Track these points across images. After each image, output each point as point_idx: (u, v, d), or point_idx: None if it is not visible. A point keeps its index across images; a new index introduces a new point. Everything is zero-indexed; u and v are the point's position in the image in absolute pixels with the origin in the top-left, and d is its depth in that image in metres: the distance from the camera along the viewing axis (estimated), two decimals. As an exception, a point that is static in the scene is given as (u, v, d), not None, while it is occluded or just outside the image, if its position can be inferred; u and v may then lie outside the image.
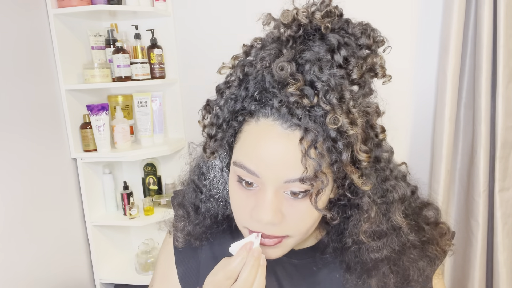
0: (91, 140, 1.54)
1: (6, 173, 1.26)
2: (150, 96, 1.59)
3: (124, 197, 1.63)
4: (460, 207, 1.46)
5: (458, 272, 1.47)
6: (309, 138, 0.46)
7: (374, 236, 0.55)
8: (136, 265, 1.67)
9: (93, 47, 1.58)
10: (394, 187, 0.55)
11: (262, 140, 0.49)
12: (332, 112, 0.45)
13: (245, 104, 0.51)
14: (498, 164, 1.32)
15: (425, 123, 1.51)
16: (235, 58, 0.55)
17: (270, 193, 0.49)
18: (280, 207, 0.50)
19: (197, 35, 1.64)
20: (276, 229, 0.51)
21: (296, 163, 0.47)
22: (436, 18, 1.42)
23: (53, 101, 1.47)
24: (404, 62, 1.48)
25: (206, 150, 0.56)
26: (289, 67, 0.47)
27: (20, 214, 1.31)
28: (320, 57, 0.48)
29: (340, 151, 0.47)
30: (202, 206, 0.64)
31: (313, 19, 0.49)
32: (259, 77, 0.50)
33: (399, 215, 0.55)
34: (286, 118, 0.48)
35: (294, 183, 0.48)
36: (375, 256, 0.55)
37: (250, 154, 0.50)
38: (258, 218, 0.50)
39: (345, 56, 0.48)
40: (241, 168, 0.51)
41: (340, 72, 0.47)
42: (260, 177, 0.49)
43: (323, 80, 0.47)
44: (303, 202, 0.50)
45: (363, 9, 1.47)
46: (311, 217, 0.52)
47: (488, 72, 1.28)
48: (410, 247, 0.57)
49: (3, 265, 1.24)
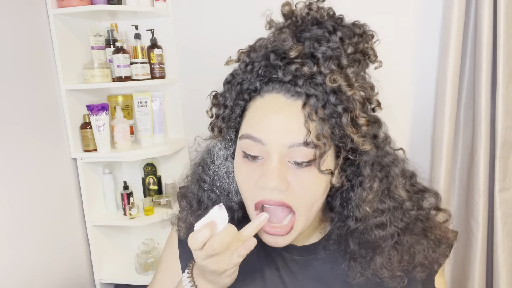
0: (91, 140, 1.54)
1: (6, 173, 1.26)
2: (150, 96, 1.59)
3: (124, 197, 1.63)
4: (460, 207, 1.46)
5: (458, 272, 1.47)
6: (311, 102, 0.51)
7: (378, 211, 0.56)
8: (136, 265, 1.67)
9: (93, 47, 1.58)
10: (393, 162, 0.58)
11: (266, 111, 0.53)
12: (331, 73, 0.50)
13: (250, 84, 0.55)
14: (498, 164, 1.32)
15: (425, 123, 1.51)
16: (241, 52, 0.59)
17: (275, 160, 0.52)
18: (285, 175, 0.52)
19: (197, 35, 1.64)
20: (282, 196, 0.53)
21: (300, 128, 0.51)
22: (436, 18, 1.42)
23: (53, 101, 1.47)
24: (404, 62, 1.48)
25: (214, 128, 0.60)
26: (291, 39, 0.52)
27: (20, 214, 1.31)
28: (318, 35, 0.53)
29: (340, 114, 0.51)
30: (205, 196, 0.66)
31: (310, 11, 0.54)
32: (263, 57, 0.54)
33: (401, 188, 0.57)
34: (288, 88, 0.52)
35: (299, 148, 0.51)
36: (380, 234, 0.56)
37: (255, 125, 0.54)
38: (263, 184, 0.52)
39: (340, 36, 0.54)
40: (248, 138, 0.54)
41: (336, 44, 0.53)
42: (265, 143, 0.52)
43: (322, 51, 0.52)
44: (308, 172, 0.52)
45: (363, 9, 1.47)
46: (316, 188, 0.54)
47: (488, 72, 1.28)
48: (414, 225, 0.58)
49: (3, 265, 1.24)
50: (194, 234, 0.51)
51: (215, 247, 0.50)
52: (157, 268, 0.75)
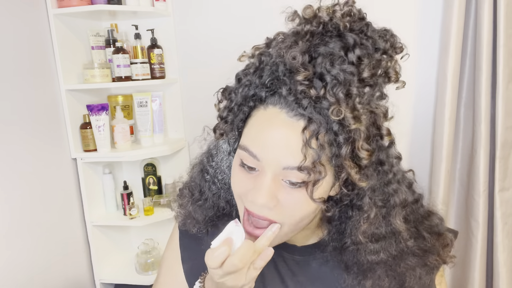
0: (91, 140, 1.54)
1: (6, 173, 1.26)
2: (150, 96, 1.59)
3: (124, 197, 1.63)
4: (460, 207, 1.46)
5: (458, 272, 1.47)
6: (312, 128, 0.48)
7: (372, 238, 0.55)
8: (136, 265, 1.67)
9: (93, 47, 1.58)
10: (396, 191, 0.56)
11: (267, 126, 0.51)
12: (337, 104, 0.47)
13: (257, 91, 0.53)
14: (498, 164, 1.32)
15: (425, 123, 1.51)
16: (256, 48, 0.56)
17: (268, 177, 0.51)
18: (276, 193, 0.51)
19: (197, 35, 1.64)
20: (269, 212, 0.52)
21: (297, 151, 0.49)
22: (436, 18, 1.42)
23: (53, 101, 1.47)
24: (404, 62, 1.48)
25: (216, 131, 0.59)
26: (301, 57, 0.48)
27: (20, 214, 1.31)
28: (333, 52, 0.49)
29: (340, 144, 0.48)
30: (206, 187, 0.66)
31: (334, 17, 0.50)
32: (273, 66, 0.52)
33: (399, 219, 0.55)
34: (292, 106, 0.49)
35: (292, 171, 0.50)
36: (371, 258, 0.56)
37: (254, 138, 0.52)
38: (253, 199, 0.51)
39: (359, 55, 0.49)
40: (245, 151, 0.53)
41: (350, 68, 0.48)
42: (261, 160, 0.51)
43: (333, 74, 0.48)
44: (300, 191, 0.51)
45: (363, 9, 1.47)
46: (306, 208, 0.53)
47: (488, 72, 1.28)
48: (409, 253, 0.57)
49: (3, 265, 1.24)
50: (212, 252, 0.50)
51: (236, 264, 0.49)
52: (159, 269, 0.75)
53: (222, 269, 0.50)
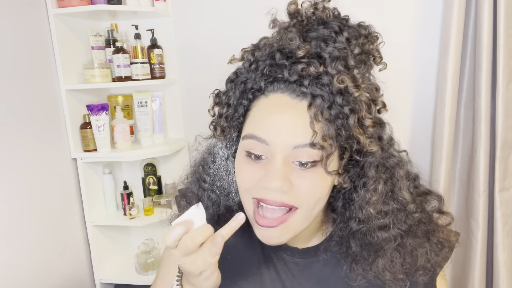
0: (91, 140, 1.54)
1: (6, 173, 1.26)
2: (150, 96, 1.59)
3: (124, 197, 1.63)
4: (460, 207, 1.46)
5: (458, 272, 1.48)
6: (317, 103, 0.50)
7: (381, 212, 0.55)
8: (136, 265, 1.67)
9: (93, 47, 1.58)
10: (398, 164, 0.57)
11: (271, 111, 0.52)
12: (339, 74, 0.50)
13: (254, 83, 0.55)
14: (498, 164, 1.32)
15: (425, 123, 1.51)
16: (244, 51, 0.58)
17: (279, 161, 0.51)
18: (288, 176, 0.51)
19: (197, 35, 1.64)
20: (284, 196, 0.52)
21: (305, 129, 0.50)
22: (436, 18, 1.42)
23: (53, 101, 1.47)
24: (404, 62, 1.48)
25: (217, 128, 0.59)
26: (298, 38, 0.52)
27: (20, 214, 1.31)
28: (324, 34, 0.53)
29: (347, 115, 0.50)
30: (205, 196, 0.65)
31: (316, 10, 0.54)
32: (269, 56, 0.54)
33: (405, 190, 0.56)
34: (293, 88, 0.52)
35: (304, 149, 0.50)
36: (382, 236, 0.56)
37: (259, 124, 0.53)
38: (267, 185, 0.51)
39: (347, 37, 0.53)
40: (251, 138, 0.53)
41: (343, 45, 0.52)
42: (270, 144, 0.51)
43: (329, 52, 0.51)
44: (312, 172, 0.52)
45: (363, 9, 1.47)
46: (320, 189, 0.53)
47: (488, 72, 1.28)
48: (417, 228, 0.57)
49: (3, 264, 1.24)
50: (168, 231, 0.50)
51: (187, 244, 0.49)
52: (157, 272, 0.75)
53: (177, 249, 0.49)
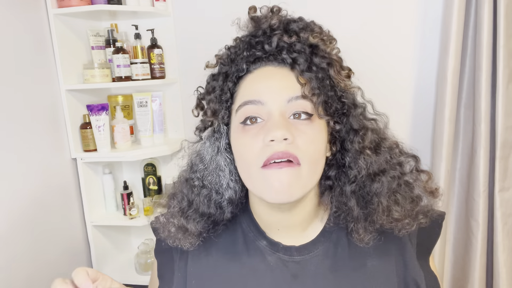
0: (91, 140, 1.54)
1: (6, 172, 1.26)
2: (150, 96, 1.59)
3: (124, 197, 1.63)
4: (460, 207, 1.46)
5: (458, 272, 1.47)
6: (298, 63, 0.57)
7: (375, 156, 0.59)
8: (136, 265, 1.67)
9: (93, 47, 1.58)
10: (376, 120, 0.62)
11: (259, 79, 0.58)
12: (310, 34, 0.57)
13: (237, 67, 0.60)
14: (498, 164, 1.32)
15: (425, 123, 1.51)
16: (219, 57, 0.65)
17: (277, 115, 0.55)
18: (289, 127, 0.55)
19: (197, 35, 1.64)
20: (289, 147, 0.54)
21: (294, 85, 0.56)
22: (436, 18, 1.42)
23: (53, 101, 1.47)
24: (404, 62, 1.48)
25: (207, 111, 0.62)
26: (268, 20, 0.59)
27: (20, 214, 1.31)
28: (286, 23, 0.60)
29: (325, 69, 0.57)
30: (195, 196, 0.64)
31: (271, 19, 0.60)
32: (245, 44, 0.60)
33: (389, 140, 0.62)
34: (275, 58, 0.58)
35: (297, 101, 0.55)
36: (381, 179, 0.59)
37: (251, 90, 0.58)
38: (271, 137, 0.53)
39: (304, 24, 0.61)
40: (246, 104, 0.57)
41: (304, 24, 0.59)
42: (264, 103, 0.56)
43: (296, 26, 0.59)
44: (309, 126, 0.56)
45: (363, 9, 1.47)
46: (318, 142, 0.57)
47: (488, 72, 1.28)
48: (405, 175, 0.62)
49: (3, 264, 1.24)
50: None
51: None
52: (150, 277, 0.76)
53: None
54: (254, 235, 0.65)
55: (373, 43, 1.47)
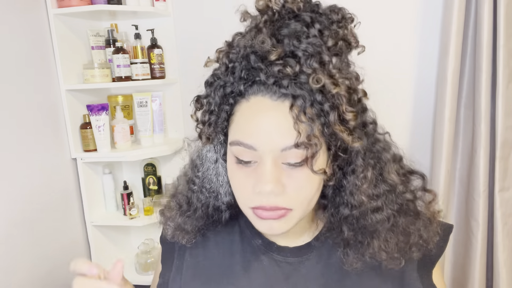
0: (91, 140, 1.54)
1: (6, 172, 1.26)
2: (150, 96, 1.59)
3: (124, 197, 1.63)
4: (460, 207, 1.46)
5: (458, 272, 1.47)
6: (298, 103, 0.50)
7: (373, 196, 0.56)
8: (136, 265, 1.67)
9: (93, 47, 1.58)
10: (384, 148, 0.58)
11: (254, 115, 0.52)
12: (314, 73, 0.49)
13: (234, 87, 0.54)
14: (498, 164, 1.32)
15: (425, 123, 1.51)
16: (219, 52, 0.59)
17: (268, 164, 0.52)
18: (280, 177, 0.52)
19: (197, 35, 1.64)
20: (278, 199, 0.53)
21: (290, 130, 0.50)
22: (436, 18, 1.42)
23: (53, 101, 1.47)
24: (404, 62, 1.48)
25: (202, 136, 0.58)
26: (269, 40, 0.51)
27: (20, 214, 1.31)
28: (297, 30, 0.52)
29: (327, 112, 0.50)
30: (194, 197, 0.65)
31: (285, 3, 0.53)
32: (244, 58, 0.53)
33: (393, 174, 0.57)
34: (274, 90, 0.51)
35: (291, 150, 0.51)
36: (376, 218, 0.56)
37: (244, 130, 0.53)
38: (260, 189, 0.52)
39: (319, 28, 0.52)
40: (238, 145, 0.53)
41: (316, 40, 0.51)
42: (257, 149, 0.52)
43: (302, 49, 0.50)
44: (301, 171, 0.52)
45: (363, 9, 1.47)
46: (311, 186, 0.54)
47: (488, 72, 1.28)
48: (407, 207, 0.59)
49: (3, 264, 1.24)
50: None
51: None
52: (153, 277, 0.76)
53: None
54: (250, 234, 0.66)
55: (373, 43, 1.47)
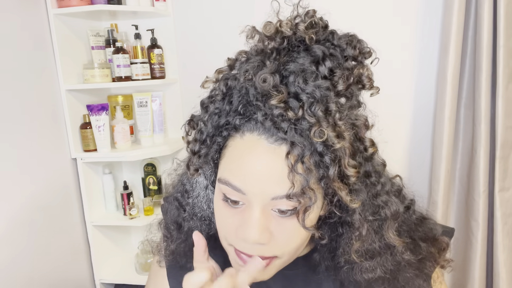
0: (91, 140, 1.54)
1: (6, 172, 1.26)
2: (150, 96, 1.59)
3: (124, 197, 1.63)
4: (460, 207, 1.46)
5: (458, 272, 1.47)
6: (296, 152, 0.44)
7: (366, 255, 0.52)
8: (136, 265, 1.67)
9: (93, 47, 1.58)
10: (386, 203, 0.52)
11: (247, 156, 0.47)
12: (318, 125, 0.44)
13: (229, 118, 0.49)
14: (498, 164, 1.32)
15: (425, 123, 1.51)
16: (219, 72, 0.53)
17: (256, 211, 0.47)
18: (267, 226, 0.48)
19: (197, 35, 1.64)
20: (263, 249, 0.48)
21: (283, 179, 0.45)
22: (436, 18, 1.42)
23: (53, 101, 1.47)
24: (404, 62, 1.48)
25: (190, 167, 0.53)
26: (271, 79, 0.45)
27: (20, 214, 1.31)
28: (304, 68, 0.46)
29: (327, 165, 0.45)
30: (185, 225, 0.61)
31: (297, 30, 0.47)
32: (242, 90, 0.48)
33: (392, 232, 0.52)
34: (271, 132, 0.46)
35: (282, 200, 0.46)
36: (368, 277, 0.53)
37: (235, 170, 0.48)
38: (244, 237, 0.47)
39: (330, 67, 0.47)
40: (226, 185, 0.48)
41: (325, 83, 0.45)
42: (246, 194, 0.47)
43: (308, 92, 0.45)
44: (291, 220, 0.48)
45: (363, 9, 1.47)
46: (300, 236, 0.50)
47: (488, 72, 1.28)
48: (406, 265, 0.54)
49: (3, 264, 1.24)
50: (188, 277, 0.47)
51: None
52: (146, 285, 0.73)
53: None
54: None
55: (373, 43, 1.47)
